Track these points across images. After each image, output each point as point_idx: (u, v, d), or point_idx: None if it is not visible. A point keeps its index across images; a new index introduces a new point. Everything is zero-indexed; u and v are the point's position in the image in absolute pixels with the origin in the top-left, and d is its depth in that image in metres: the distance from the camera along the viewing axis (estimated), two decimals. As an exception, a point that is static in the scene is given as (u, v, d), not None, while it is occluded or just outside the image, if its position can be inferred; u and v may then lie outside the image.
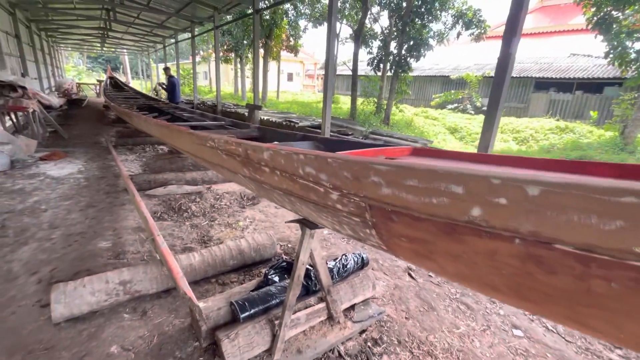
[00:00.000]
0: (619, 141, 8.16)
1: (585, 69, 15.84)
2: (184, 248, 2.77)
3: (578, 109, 15.21)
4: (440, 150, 1.28)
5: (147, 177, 4.00)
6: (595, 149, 8.00)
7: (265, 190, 1.66)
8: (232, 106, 11.78)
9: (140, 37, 17.28)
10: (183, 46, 34.64)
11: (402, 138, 6.01)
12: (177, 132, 2.46)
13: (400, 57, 10.06)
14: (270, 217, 3.53)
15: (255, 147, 1.45)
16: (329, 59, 5.56)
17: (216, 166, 2.13)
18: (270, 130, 2.66)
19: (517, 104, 17.34)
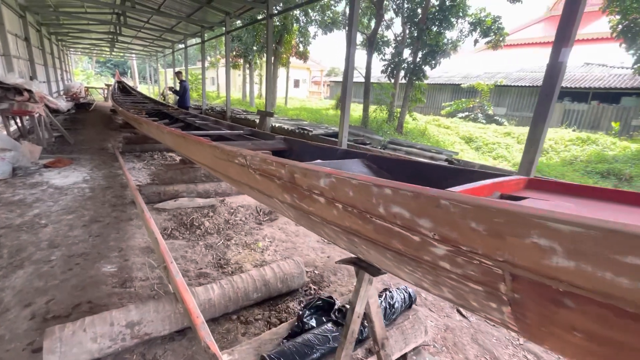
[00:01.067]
0: (648, 154, 7.76)
1: (601, 78, 15.47)
2: (199, 274, 2.45)
3: (594, 119, 14.81)
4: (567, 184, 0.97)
5: (157, 189, 3.70)
6: (624, 162, 7.60)
7: (312, 222, 1.33)
8: (241, 112, 11.54)
9: (149, 41, 17.24)
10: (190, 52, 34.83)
11: (423, 149, 5.68)
12: (196, 144, 2.16)
13: (415, 65, 9.78)
14: (291, 237, 3.20)
15: (307, 172, 1.13)
16: (348, 67, 5.30)
17: (244, 186, 1.81)
18: (299, 143, 2.35)
19: (529, 113, 16.92)
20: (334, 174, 1.02)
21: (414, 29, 9.91)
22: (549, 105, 3.07)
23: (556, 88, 3.05)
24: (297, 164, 1.19)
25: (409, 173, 1.45)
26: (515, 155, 8.86)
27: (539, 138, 3.14)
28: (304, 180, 1.17)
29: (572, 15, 2.90)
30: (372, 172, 1.52)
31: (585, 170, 7.58)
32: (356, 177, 0.95)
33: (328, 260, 2.78)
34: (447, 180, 1.29)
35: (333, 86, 30.67)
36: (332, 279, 2.51)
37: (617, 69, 15.63)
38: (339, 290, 2.36)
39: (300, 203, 1.29)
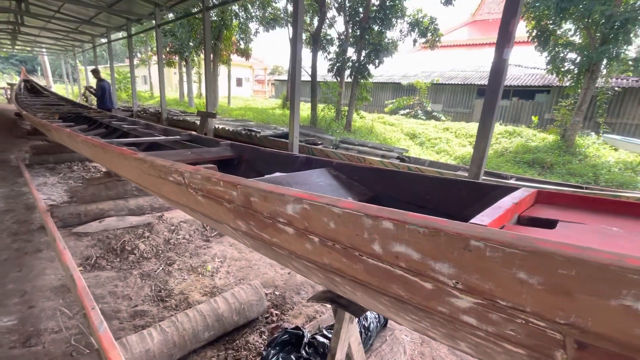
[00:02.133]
0: (562, 144, 8.82)
1: (518, 77, 17.39)
2: (134, 313, 2.00)
3: (515, 113, 16.59)
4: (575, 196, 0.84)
5: (76, 209, 3.06)
6: (544, 151, 8.53)
7: (276, 253, 1.06)
8: (179, 114, 10.60)
9: (63, 34, 15.00)
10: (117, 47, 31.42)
11: (375, 147, 5.67)
12: (119, 156, 1.72)
13: (360, 63, 9.88)
14: (245, 253, 2.86)
15: (268, 195, 0.86)
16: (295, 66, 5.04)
17: (183, 207, 1.46)
18: (249, 149, 2.03)
19: (463, 109, 18.44)
20: (306, 198, 0.76)
21: (357, 27, 10.00)
22: (495, 101, 3.16)
23: (501, 84, 3.15)
24: (253, 184, 0.91)
25: (387, 185, 1.25)
26: (455, 150, 9.45)
27: (488, 133, 3.22)
28: (264, 205, 0.89)
29: (512, 18, 3.01)
30: (342, 185, 1.30)
31: (514, 160, 8.35)
32: (338, 204, 0.70)
33: (289, 277, 2.51)
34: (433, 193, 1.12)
35: (278, 85, 30.16)
36: (296, 299, 2.25)
37: (530, 69, 17.70)
38: (304, 312, 2.11)
39: (259, 232, 1.01)
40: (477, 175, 3.38)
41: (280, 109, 17.26)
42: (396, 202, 1.19)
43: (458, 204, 1.03)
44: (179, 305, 2.11)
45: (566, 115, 9.25)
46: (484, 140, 3.27)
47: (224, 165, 2.17)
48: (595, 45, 7.99)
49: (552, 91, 15.05)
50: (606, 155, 8.20)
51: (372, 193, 1.25)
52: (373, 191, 1.26)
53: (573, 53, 8.76)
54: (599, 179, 6.64)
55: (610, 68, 8.33)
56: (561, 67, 8.99)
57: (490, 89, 3.21)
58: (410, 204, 1.15)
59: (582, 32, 8.54)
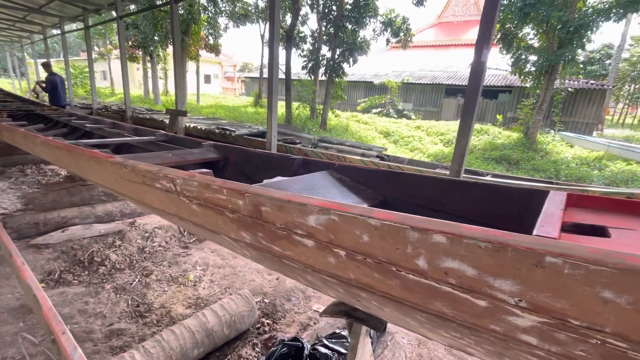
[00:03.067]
0: (525, 141, 9.36)
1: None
2: (109, 333, 1.81)
3: (480, 112, 17.42)
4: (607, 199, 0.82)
5: (33, 218, 2.75)
6: (510, 148, 9.00)
7: (285, 266, 0.97)
8: (145, 112, 9.99)
9: (8, 24, 13.63)
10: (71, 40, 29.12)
11: (354, 146, 5.66)
12: (90, 159, 1.53)
13: (334, 62, 9.86)
14: (228, 260, 2.71)
15: (286, 205, 0.77)
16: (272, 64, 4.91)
17: (170, 216, 1.33)
18: (237, 151, 1.89)
19: (432, 108, 19.07)
20: (335, 208, 0.68)
21: (330, 26, 9.97)
22: (475, 100, 3.24)
23: (481, 84, 3.23)
24: (266, 192, 0.81)
25: (396, 188, 1.19)
26: (428, 147, 9.72)
27: (468, 131, 3.29)
28: (279, 215, 0.80)
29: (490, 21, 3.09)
30: (349, 188, 1.23)
31: (483, 157, 8.73)
32: (375, 215, 0.63)
33: (278, 283, 2.40)
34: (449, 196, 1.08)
35: (249, 82, 29.49)
36: (287, 306, 2.16)
37: (493, 70, 18.66)
38: (297, 320, 2.02)
39: (268, 245, 0.91)
40: (458, 173, 3.45)
41: (253, 107, 16.88)
42: (408, 206, 1.14)
43: (475, 208, 1.00)
44: (161, 321, 1.94)
45: (528, 114, 9.83)
46: (465, 139, 3.34)
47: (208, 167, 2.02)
48: (553, 49, 8.54)
49: (514, 91, 15.96)
50: (564, 152, 8.81)
51: (381, 197, 1.19)
52: (381, 195, 1.20)
53: (533, 55, 9.31)
54: (560, 174, 7.11)
55: (566, 70, 8.95)
56: (523, 68, 9.53)
57: (470, 89, 3.28)
58: (424, 207, 1.10)
59: (541, 36, 9.09)
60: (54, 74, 7.88)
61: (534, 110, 9.49)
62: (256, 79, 24.80)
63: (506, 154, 8.57)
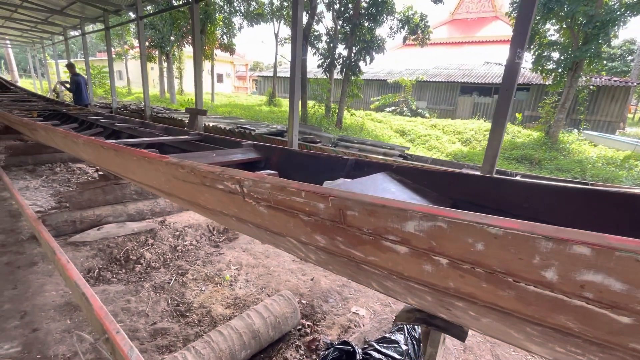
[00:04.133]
0: (547, 140, 9.12)
1: (499, 75, 17.89)
2: (154, 332, 1.82)
3: (496, 111, 17.05)
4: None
5: (70, 216, 2.80)
6: (531, 147, 8.79)
7: (361, 272, 0.95)
8: (163, 110, 10.13)
9: (30, 25, 13.99)
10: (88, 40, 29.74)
11: (375, 145, 5.60)
12: (139, 159, 1.54)
13: (350, 60, 9.79)
14: (260, 259, 2.71)
15: (380, 209, 0.74)
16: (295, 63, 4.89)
17: (228, 218, 1.31)
18: (278, 151, 1.87)
19: (447, 106, 18.79)
20: (444, 215, 0.65)
21: (347, 24, 9.89)
22: (509, 99, 3.15)
23: (515, 82, 3.14)
24: (354, 196, 0.78)
25: (465, 191, 1.15)
26: (446, 146, 9.57)
27: (501, 130, 3.21)
28: (368, 220, 0.78)
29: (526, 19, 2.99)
30: (414, 192, 1.19)
31: (504, 156, 8.54)
32: (496, 223, 0.59)
33: (313, 284, 2.39)
34: (531, 201, 1.03)
35: (261, 81, 29.62)
36: (325, 307, 2.14)
37: (510, 67, 18.26)
38: (338, 322, 2.00)
39: (348, 249, 0.88)
40: (490, 173, 3.37)
41: (267, 106, 16.94)
42: (482, 211, 1.10)
43: (567, 214, 0.95)
44: (202, 320, 1.95)
45: (550, 113, 9.57)
46: (497, 139, 3.26)
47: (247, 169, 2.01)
48: (578, 44, 8.27)
49: (532, 89, 15.58)
50: (588, 151, 8.54)
51: (449, 200, 1.16)
52: (450, 198, 1.16)
53: (556, 52, 9.05)
54: (586, 174, 6.89)
55: (591, 67, 8.67)
56: (545, 65, 9.27)
57: (504, 88, 3.19)
58: (500, 211, 1.06)
59: (564, 32, 8.83)
60: (77, 74, 8.10)
61: (556, 109, 9.23)
62: (269, 78, 24.89)
63: (527, 153, 8.37)
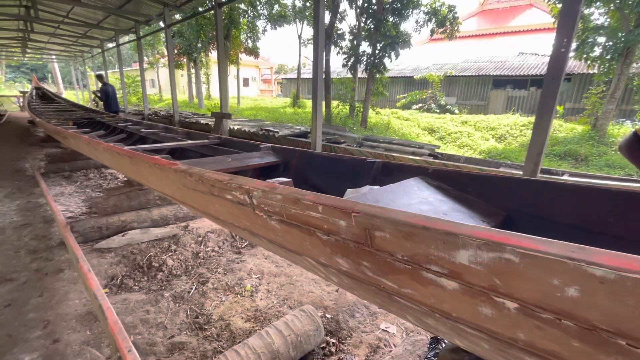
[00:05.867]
0: (594, 134, 8.33)
1: (536, 66, 16.78)
2: (171, 346, 1.74)
3: (534, 104, 15.98)
4: None
5: (96, 222, 2.83)
6: (575, 142, 8.06)
7: (395, 304, 0.77)
8: (191, 115, 10.40)
9: (72, 40, 14.97)
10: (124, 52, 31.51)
11: (402, 144, 5.34)
12: (151, 167, 1.45)
13: (375, 57, 9.52)
14: (283, 267, 2.58)
15: (421, 232, 0.56)
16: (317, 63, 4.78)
17: (241, 231, 1.18)
18: (298, 153, 1.73)
19: (478, 101, 17.90)
20: (515, 244, 0.46)
21: (370, 20, 9.63)
22: (556, 91, 2.82)
23: (561, 76, 2.81)
24: (386, 213, 0.61)
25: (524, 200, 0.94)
26: (479, 143, 9.03)
27: (546, 127, 2.88)
28: (404, 245, 0.60)
29: (575, 4, 2.66)
30: (457, 201, 0.99)
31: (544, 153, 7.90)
32: (605, 261, 0.40)
33: (338, 296, 2.22)
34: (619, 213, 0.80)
35: (285, 84, 29.88)
36: (352, 323, 1.96)
37: (547, 57, 17.06)
38: (365, 340, 1.82)
39: (377, 277, 0.71)
40: (533, 172, 3.05)
41: (291, 108, 16.99)
42: (549, 227, 0.89)
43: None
44: (221, 335, 1.84)
45: (596, 104, 8.75)
46: (542, 135, 2.93)
47: (265, 173, 1.89)
48: (629, 28, 7.48)
49: (574, 79, 14.43)
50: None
51: (502, 212, 0.95)
52: (504, 209, 0.96)
53: (603, 37, 8.25)
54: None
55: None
56: (590, 53, 8.49)
57: (548, 80, 2.86)
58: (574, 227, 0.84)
59: (612, 14, 8.02)
60: (106, 84, 8.53)
61: (604, 99, 8.41)
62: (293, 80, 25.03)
63: (571, 148, 7.68)
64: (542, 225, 0.90)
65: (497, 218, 0.93)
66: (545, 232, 0.95)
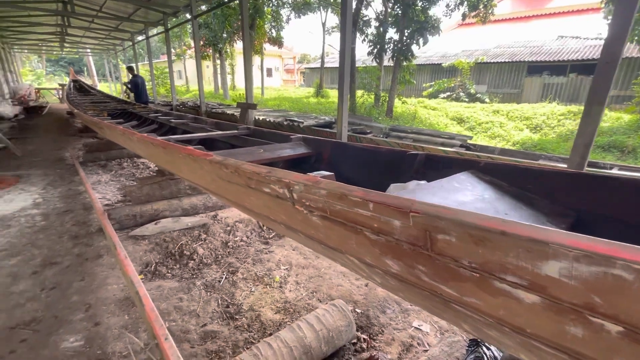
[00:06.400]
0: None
1: (577, 50, 15.59)
2: (204, 335, 1.77)
3: (573, 91, 14.93)
4: None
5: (131, 211, 2.92)
6: (622, 133, 7.45)
7: (450, 311, 0.70)
8: (217, 106, 10.57)
9: (104, 34, 15.54)
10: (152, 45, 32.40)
11: (432, 134, 5.13)
12: (185, 157, 1.45)
13: (402, 44, 9.18)
14: (311, 259, 2.56)
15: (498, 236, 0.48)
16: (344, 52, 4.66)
17: (277, 225, 1.15)
18: (330, 145, 1.67)
19: (510, 89, 16.95)
20: (627, 257, 0.38)
21: (398, 5, 9.26)
22: (609, 80, 2.57)
23: (616, 62, 2.54)
24: (454, 215, 0.54)
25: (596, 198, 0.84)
26: (512, 134, 8.56)
27: (597, 117, 2.64)
28: (474, 251, 0.53)
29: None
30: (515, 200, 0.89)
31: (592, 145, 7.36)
32: None
33: (368, 290, 2.17)
34: None
35: (308, 73, 29.65)
36: (382, 319, 1.91)
37: (591, 40, 15.76)
38: (398, 338, 1.77)
39: (434, 283, 0.65)
40: (580, 165, 2.82)
41: (314, 98, 16.86)
42: (629, 232, 0.78)
43: None
44: (252, 325, 1.85)
45: (648, 91, 8.01)
46: (592, 123, 2.69)
47: (296, 165, 1.85)
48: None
49: (621, 64, 13.28)
50: None
51: (572, 213, 0.85)
52: (571, 210, 0.86)
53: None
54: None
55: None
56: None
57: (602, 62, 2.60)
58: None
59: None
60: (136, 75, 8.82)
61: (658, 85, 7.67)
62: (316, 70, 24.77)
63: (617, 140, 7.09)
64: (624, 231, 0.79)
65: (565, 220, 0.82)
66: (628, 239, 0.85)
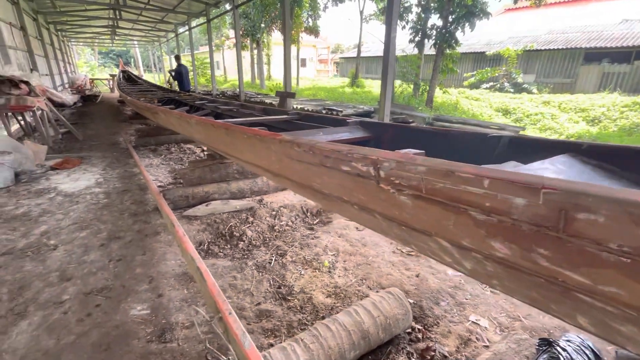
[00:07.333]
0: None
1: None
2: (259, 313, 1.82)
3: (638, 81, 13.46)
4: None
5: (184, 192, 3.06)
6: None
7: (580, 305, 0.65)
8: (255, 95, 10.77)
9: (150, 26, 16.30)
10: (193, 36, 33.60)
11: (480, 125, 4.87)
12: (250, 138, 1.46)
13: (445, 30, 8.73)
14: (357, 247, 2.54)
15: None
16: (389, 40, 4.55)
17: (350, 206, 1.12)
18: (391, 128, 1.62)
19: (563, 79, 15.65)
20: None
21: (443, -11, 8.78)
22: None
23: None
24: (601, 191, 0.49)
25: None
26: (566, 127, 7.92)
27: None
28: (627, 231, 0.47)
29: None
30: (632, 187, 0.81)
31: (654, 139, 6.65)
32: None
33: (419, 281, 2.11)
34: None
35: (343, 63, 29.29)
36: (437, 311, 1.85)
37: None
38: (454, 331, 1.71)
39: (557, 269, 0.59)
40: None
41: (349, 87, 16.64)
42: None
43: None
44: (304, 307, 1.87)
45: None
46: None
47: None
48: None
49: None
50: None
51: None
52: None
53: None
54: None
55: None
56: None
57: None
58: None
59: None
60: (181, 64, 9.22)
61: None
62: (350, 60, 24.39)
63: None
64: None
65: None
66: None
